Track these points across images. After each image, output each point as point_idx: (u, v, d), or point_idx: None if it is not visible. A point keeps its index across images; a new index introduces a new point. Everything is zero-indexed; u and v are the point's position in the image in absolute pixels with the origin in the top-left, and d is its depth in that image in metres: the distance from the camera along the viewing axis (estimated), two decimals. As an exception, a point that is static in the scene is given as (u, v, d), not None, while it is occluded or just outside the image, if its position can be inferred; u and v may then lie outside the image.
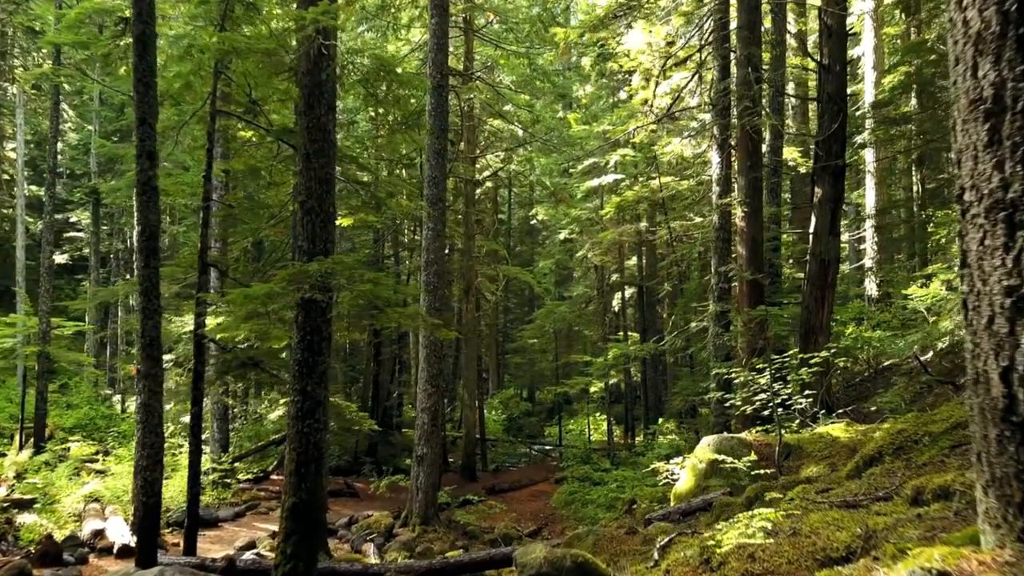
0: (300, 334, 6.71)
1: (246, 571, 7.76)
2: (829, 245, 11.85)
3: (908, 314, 21.51)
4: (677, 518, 7.52)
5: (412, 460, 14.03)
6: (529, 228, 43.00)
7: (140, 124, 8.14)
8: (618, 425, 30.54)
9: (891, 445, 5.44)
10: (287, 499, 6.50)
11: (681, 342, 14.57)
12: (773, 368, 7.89)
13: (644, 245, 25.24)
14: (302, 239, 6.85)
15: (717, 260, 12.92)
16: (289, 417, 6.74)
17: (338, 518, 14.84)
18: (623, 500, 15.23)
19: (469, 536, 14.22)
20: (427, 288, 14.00)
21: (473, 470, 20.77)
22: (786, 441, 8.15)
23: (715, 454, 8.29)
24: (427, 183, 14.14)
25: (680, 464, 9.42)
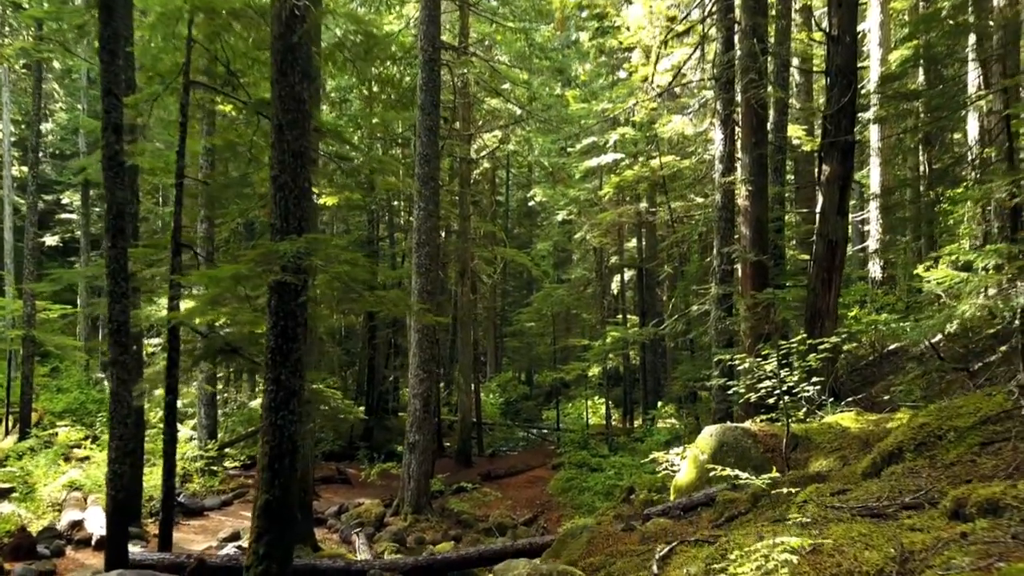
0: (273, 319, 6.24)
1: (221, 568, 7.35)
2: (837, 225, 11.35)
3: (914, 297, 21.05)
4: (678, 513, 7.09)
5: (404, 447, 13.62)
6: (528, 210, 42.43)
7: (106, 95, 7.63)
8: (616, 409, 30.17)
9: (912, 440, 4.98)
10: (259, 496, 6.06)
11: (681, 326, 14.11)
12: (780, 354, 7.41)
13: (644, 226, 24.70)
14: (274, 217, 6.37)
15: (720, 241, 12.42)
16: (262, 408, 6.28)
17: (328, 506, 14.45)
18: (621, 488, 14.83)
19: (463, 525, 13.84)
20: (419, 270, 13.52)
21: (469, 455, 20.39)
22: (793, 431, 7.70)
23: (718, 445, 7.85)
24: (418, 161, 13.61)
25: (680, 455, 8.99)
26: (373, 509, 13.07)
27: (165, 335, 12.32)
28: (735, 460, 7.60)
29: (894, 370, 14.00)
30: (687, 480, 8.08)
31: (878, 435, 7.01)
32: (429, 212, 13.56)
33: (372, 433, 24.19)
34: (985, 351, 9.82)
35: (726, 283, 12.29)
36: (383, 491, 15.68)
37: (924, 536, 2.81)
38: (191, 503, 12.82)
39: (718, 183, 12.51)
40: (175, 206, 8.39)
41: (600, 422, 26.56)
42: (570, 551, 6.72)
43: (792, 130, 17.33)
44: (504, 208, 44.55)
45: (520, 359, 35.00)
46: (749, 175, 11.88)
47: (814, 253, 11.68)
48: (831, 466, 6.65)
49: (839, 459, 6.78)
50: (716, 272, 12.42)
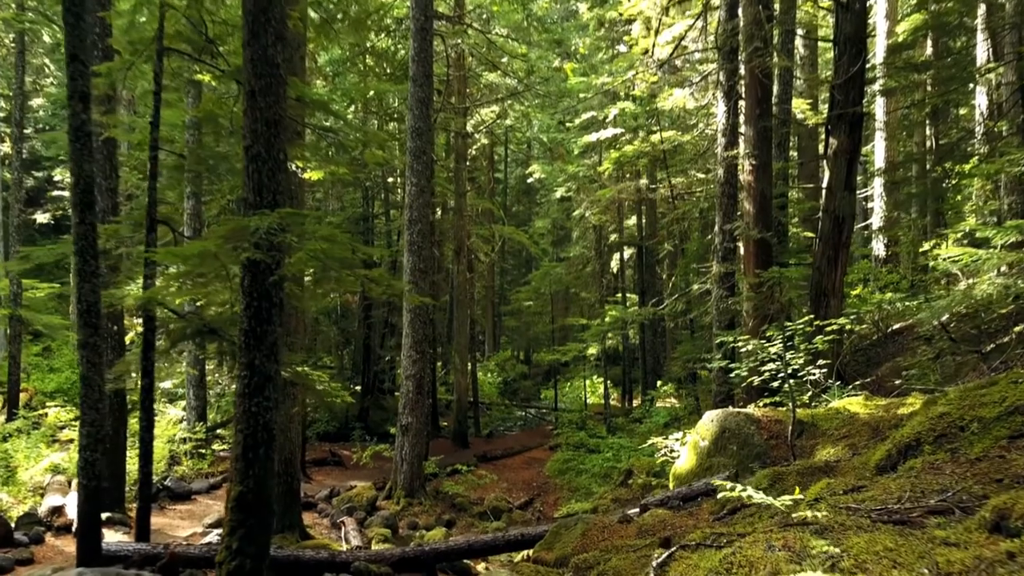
0: (247, 300, 5.84)
1: (200, 559, 7.01)
2: (844, 201, 10.92)
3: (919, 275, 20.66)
4: (676, 504, 6.75)
5: (397, 429, 13.29)
6: (526, 187, 41.90)
7: (71, 61, 7.16)
8: (615, 388, 29.88)
9: (931, 432, 4.60)
10: (233, 488, 5.70)
11: (682, 306, 13.72)
12: (785, 336, 7.03)
13: (644, 203, 24.23)
14: (247, 190, 5.94)
15: (722, 217, 11.99)
16: (236, 395, 5.90)
17: (320, 489, 14.15)
18: (619, 470, 14.54)
19: (457, 509, 13.56)
20: (411, 248, 13.10)
21: (465, 436, 20.10)
22: (798, 417, 7.34)
23: (719, 431, 7.49)
24: (410, 134, 13.14)
25: (680, 440, 8.65)
26: (365, 493, 12.76)
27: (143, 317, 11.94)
28: (737, 447, 7.26)
29: (900, 351, 13.63)
30: (687, 467, 7.73)
31: (889, 421, 6.64)
32: (421, 188, 13.12)
33: (368, 413, 23.90)
34: (998, 332, 9.45)
35: (728, 261, 11.89)
36: (376, 474, 15.39)
37: (962, 554, 2.43)
38: (178, 487, 12.51)
39: (720, 157, 12.06)
40: (149, 180, 7.95)
41: (599, 401, 26.29)
42: (563, 543, 6.38)
43: (796, 104, 16.84)
44: (503, 185, 44.06)
45: (518, 338, 34.70)
46: (753, 149, 11.43)
47: (820, 230, 11.26)
48: (839, 455, 6.29)
49: (848, 447, 6.42)
50: (718, 250, 12.01)
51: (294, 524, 10.20)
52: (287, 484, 10.16)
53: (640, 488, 13.06)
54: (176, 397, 17.78)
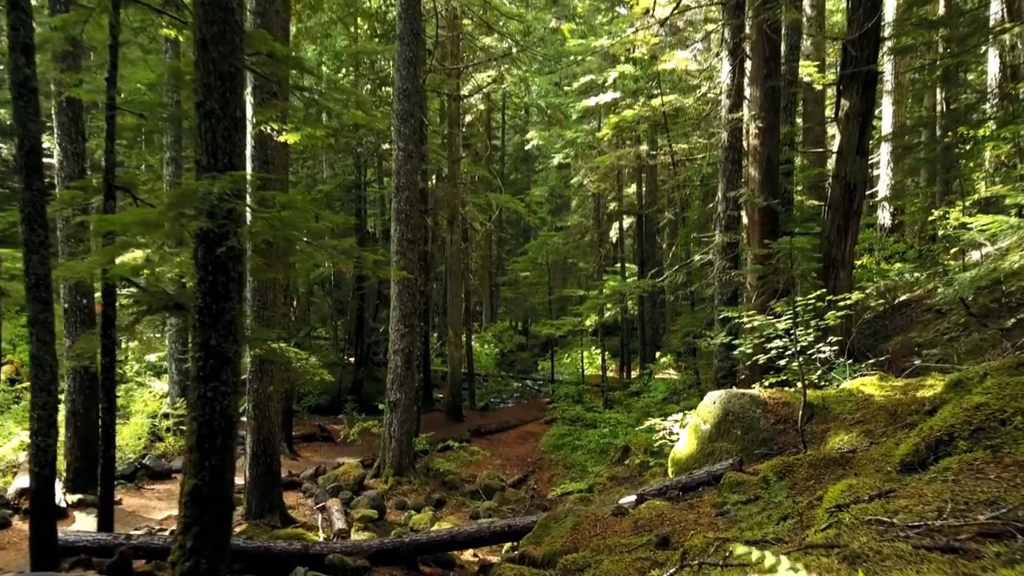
0: (200, 274, 5.26)
1: (163, 550, 6.52)
2: (856, 166, 10.28)
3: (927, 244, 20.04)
4: (676, 494, 6.23)
5: (385, 406, 12.78)
6: (524, 155, 41.09)
7: (12, 9, 6.49)
8: (613, 359, 29.40)
9: (966, 425, 4.04)
10: (186, 480, 5.17)
11: (682, 277, 13.13)
12: (796, 310, 6.45)
13: (644, 170, 23.51)
14: (200, 151, 5.33)
15: (725, 184, 11.35)
16: (191, 378, 5.35)
17: (307, 467, 13.71)
18: (616, 447, 14.09)
19: (448, 487, 13.12)
20: (399, 217, 12.47)
21: (459, 410, 19.65)
22: (808, 399, 6.80)
23: (723, 414, 6.95)
24: (397, 96, 12.43)
25: (680, 422, 8.13)
26: (352, 471, 12.30)
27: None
28: (741, 432, 6.73)
29: (909, 323, 13.08)
30: (687, 452, 7.21)
31: (908, 405, 6.10)
32: (409, 153, 12.45)
33: (362, 386, 23.47)
34: (1020, 306, 8.88)
35: (731, 231, 11.28)
36: (366, 450, 14.93)
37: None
38: (158, 465, 12.04)
39: (724, 120, 11.38)
40: (107, 142, 7.32)
41: (597, 372, 25.79)
42: (552, 538, 5.87)
43: (803, 67, 16.07)
44: (500, 153, 43.20)
45: (516, 309, 34.17)
46: (759, 111, 10.75)
47: (829, 197, 10.65)
48: (855, 443, 5.75)
49: (863, 434, 5.88)
50: (721, 219, 11.39)
51: (274, 506, 9.74)
52: (267, 465, 9.68)
53: (638, 467, 12.62)
54: (161, 371, 17.27)
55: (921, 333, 10.89)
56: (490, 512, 11.81)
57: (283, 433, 14.54)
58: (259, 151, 9.49)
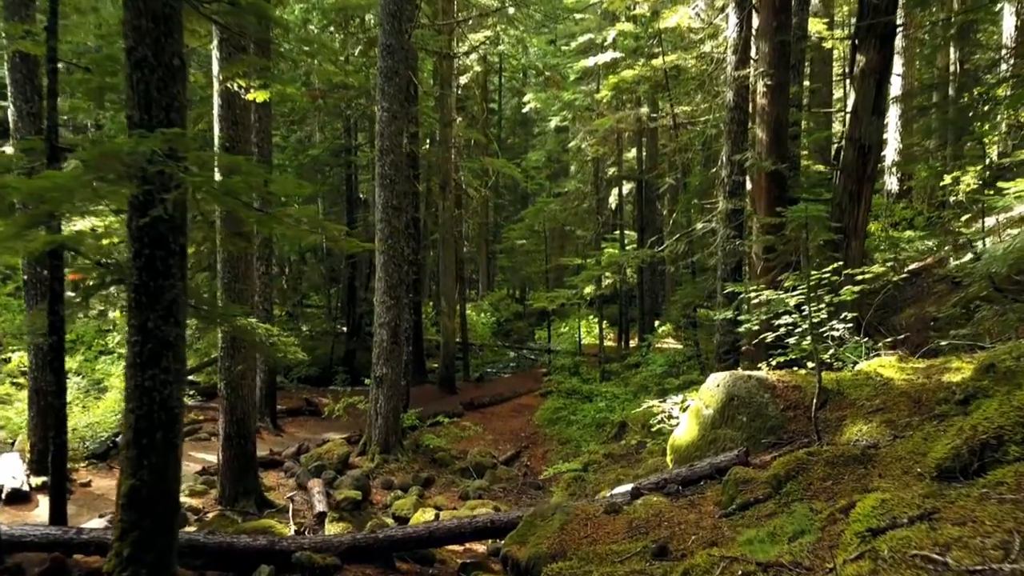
0: (135, 247, 4.61)
1: (99, 545, 5.94)
2: (871, 127, 9.56)
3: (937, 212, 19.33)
4: (675, 489, 5.65)
5: (371, 381, 12.21)
6: (522, 118, 40.14)
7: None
8: (611, 328, 28.82)
9: (1018, 427, 3.43)
10: (123, 481, 4.59)
11: (684, 246, 12.47)
12: (809, 284, 5.80)
13: (644, 135, 22.69)
14: (131, 105, 4.65)
15: (730, 147, 10.63)
16: (126, 365, 4.74)
17: (291, 443, 13.17)
18: (612, 423, 13.56)
19: (437, 464, 12.60)
20: (382, 182, 11.77)
21: (452, 382, 19.12)
22: (824, 380, 6.19)
23: (727, 398, 6.35)
24: (381, 53, 11.64)
25: (680, 404, 7.53)
26: (336, 449, 11.77)
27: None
28: (747, 419, 6.13)
29: (920, 295, 12.44)
30: (688, 439, 6.62)
31: (932, 391, 5.49)
32: (394, 113, 11.70)
33: (354, 356, 22.91)
34: (1047, 279, 8.25)
35: (736, 197, 10.59)
36: (353, 425, 14.40)
37: None
38: (131, 444, 11.48)
39: (730, 78, 10.62)
40: (48, 99, 6.61)
41: (594, 342, 25.23)
42: (538, 538, 5.30)
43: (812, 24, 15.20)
44: (498, 116, 42.22)
45: (512, 278, 33.53)
46: (768, 67, 9.98)
47: (842, 161, 9.94)
48: (875, 435, 5.15)
49: (884, 424, 5.28)
50: (725, 184, 10.69)
51: (249, 490, 9.20)
52: (240, 447, 9.12)
53: (635, 446, 12.10)
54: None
55: (938, 307, 10.26)
56: (480, 492, 11.32)
57: (267, 408, 14.03)
58: (226, 111, 8.76)
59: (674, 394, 12.58)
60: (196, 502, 9.07)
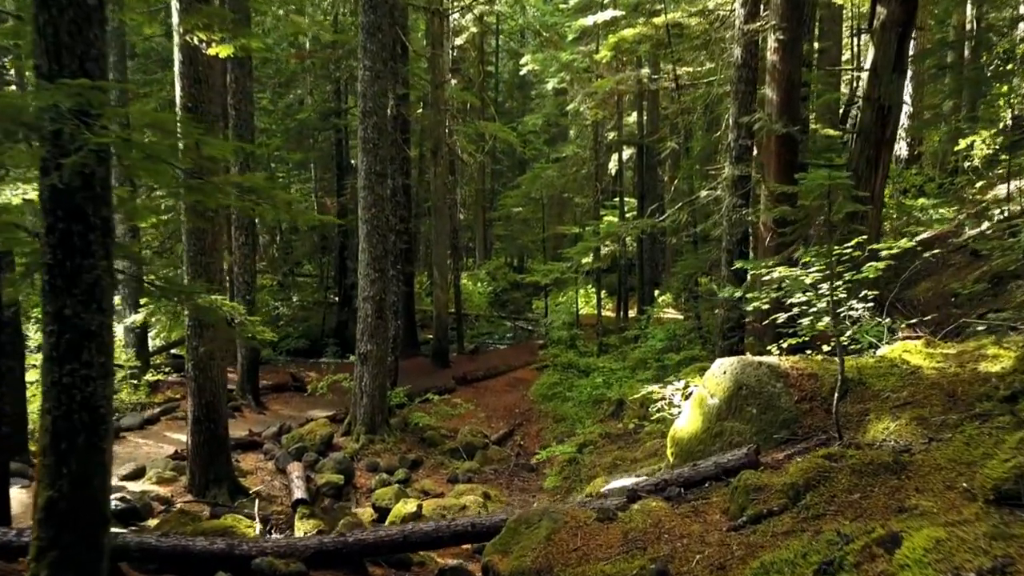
0: (49, 220, 3.94)
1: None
2: (892, 86, 8.81)
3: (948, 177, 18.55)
4: (676, 492, 5.04)
5: (355, 358, 11.60)
6: (520, 81, 39.05)
7: None
8: (610, 297, 28.17)
9: (1101, 445, 2.79)
10: (41, 492, 3.98)
11: (686, 216, 11.75)
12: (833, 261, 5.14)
13: (645, 98, 21.82)
14: (38, 53, 3.94)
15: (737, 108, 9.85)
16: (43, 358, 4.11)
17: (274, 421, 12.60)
18: (609, 400, 12.99)
19: (426, 444, 12.06)
20: (365, 146, 11.03)
21: (445, 355, 18.53)
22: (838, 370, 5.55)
23: (734, 387, 5.72)
24: (363, 7, 10.83)
25: (682, 392, 6.89)
26: (319, 430, 11.20)
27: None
28: (758, 411, 5.51)
29: (935, 267, 11.76)
30: (690, 431, 6.00)
31: (970, 383, 4.85)
32: (377, 72, 10.91)
33: (346, 327, 22.26)
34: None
35: (743, 162, 9.85)
36: (340, 403, 13.83)
37: None
38: (102, 425, 10.90)
39: (738, 33, 9.81)
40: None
41: (592, 312, 24.62)
42: (522, 548, 4.70)
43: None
44: (495, 80, 41.10)
45: (510, 246, 32.79)
46: (780, 20, 9.17)
47: (859, 123, 9.21)
48: (906, 436, 4.52)
49: (915, 422, 4.65)
50: (731, 149, 9.94)
51: (221, 477, 8.64)
52: (210, 432, 8.53)
53: (632, 429, 11.54)
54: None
55: (959, 281, 9.60)
56: (470, 475, 10.78)
57: (249, 384, 13.45)
58: (188, 67, 8.01)
59: (675, 372, 11.99)
60: (164, 490, 8.51)
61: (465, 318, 24.51)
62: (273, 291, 25.57)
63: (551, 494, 9.91)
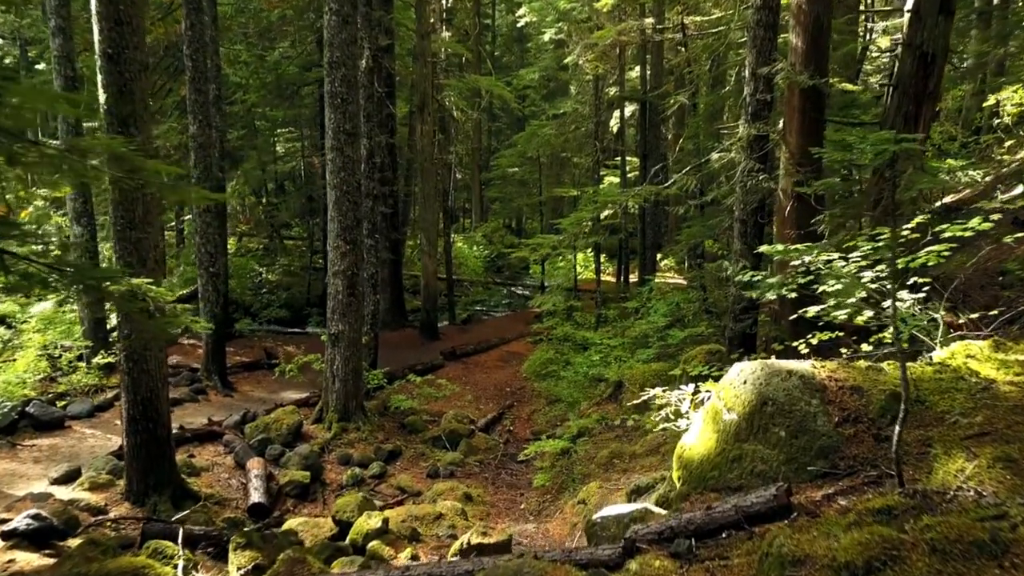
0: None
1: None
2: (937, 30, 7.54)
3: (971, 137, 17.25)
4: (686, 545, 3.95)
5: (326, 339, 10.51)
6: (517, 34, 37.39)
7: None
8: (610, 261, 27.03)
9: None
10: None
11: (694, 182, 10.52)
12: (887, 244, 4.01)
13: (649, 50, 20.36)
14: None
15: (755, 58, 8.57)
16: None
17: (243, 406, 11.56)
18: (608, 381, 11.92)
19: (407, 431, 11.05)
20: (333, 102, 9.77)
21: (434, 327, 17.47)
22: (890, 386, 4.45)
23: (757, 401, 4.61)
24: (327, -59, 9.46)
25: (692, 399, 5.76)
26: (286, 418, 10.15)
27: None
28: (787, 433, 4.42)
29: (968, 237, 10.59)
30: (703, 452, 4.91)
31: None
32: (345, 17, 9.60)
33: (331, 295, 21.22)
34: None
35: (761, 120, 8.61)
36: (316, 384, 12.78)
37: None
38: (45, 414, 9.83)
39: (758, -31, 8.48)
40: None
41: (591, 277, 23.48)
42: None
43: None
44: (491, 33, 39.44)
45: (504, 208, 31.48)
46: (808, -48, 7.86)
47: (897, 74, 7.95)
48: (989, 484, 3.42)
49: (999, 463, 3.53)
50: (747, 104, 8.68)
51: (163, 482, 7.61)
52: (149, 431, 7.47)
53: (631, 409, 10.52)
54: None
55: (1003, 255, 8.44)
56: (452, 469, 9.79)
57: (215, 364, 12.41)
58: (107, 7, 6.74)
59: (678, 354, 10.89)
60: (97, 498, 7.48)
61: (459, 284, 23.41)
62: (258, 256, 24.43)
63: (540, 493, 8.92)
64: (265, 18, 18.64)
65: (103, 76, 6.90)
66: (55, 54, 11.58)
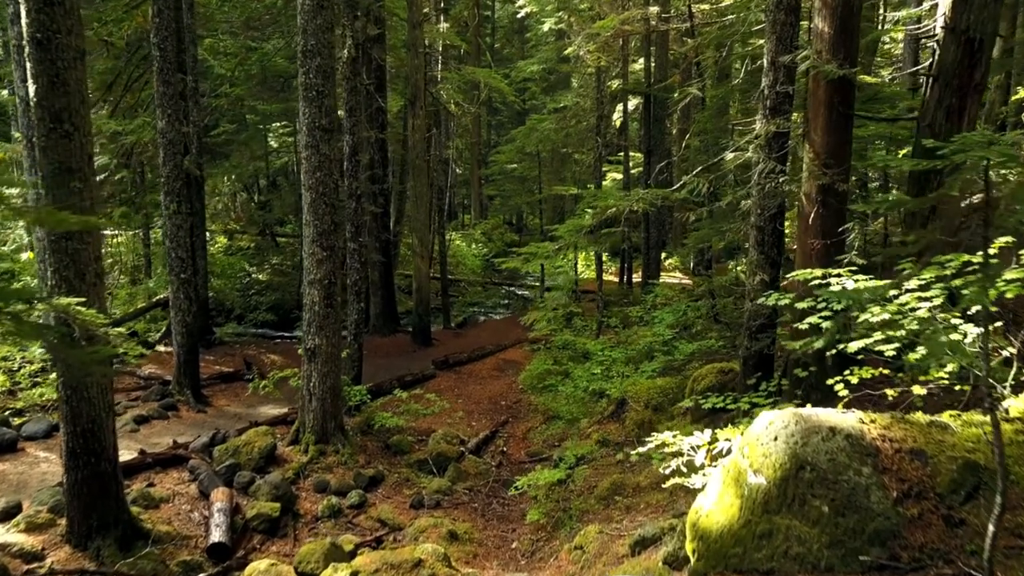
0: None
1: None
2: (985, 12, 6.63)
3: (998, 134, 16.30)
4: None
5: (302, 354, 9.65)
6: (519, 26, 36.40)
7: None
8: (612, 260, 26.15)
9: None
10: None
11: (705, 185, 9.62)
12: (952, 275, 3.15)
13: (653, 41, 19.43)
14: None
15: (775, 45, 7.67)
16: None
17: (215, 424, 10.71)
18: (610, 398, 11.05)
19: (391, 453, 10.21)
20: (307, 95, 8.88)
21: (427, 333, 16.61)
22: (959, 445, 3.58)
23: (792, 465, 3.72)
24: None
25: (708, 450, 4.85)
26: (257, 440, 9.28)
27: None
28: (831, 510, 3.56)
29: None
30: (723, 522, 4.02)
31: None
32: (319, 2, 8.70)
33: (323, 296, 20.36)
34: None
35: (781, 115, 7.71)
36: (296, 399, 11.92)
37: None
38: (-3, 434, 9.00)
39: (778, -55, 7.57)
40: None
41: (592, 276, 22.60)
42: None
43: None
44: (491, 25, 38.50)
45: (503, 206, 30.57)
46: (836, -75, 6.94)
47: (937, 62, 7.04)
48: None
49: None
50: (766, 98, 7.79)
51: (109, 522, 6.77)
52: (91, 467, 6.63)
53: (635, 425, 9.71)
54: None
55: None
56: (438, 498, 8.95)
57: (186, 378, 11.55)
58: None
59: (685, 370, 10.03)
60: (34, 541, 6.64)
61: (456, 284, 22.56)
62: (248, 255, 23.56)
63: (533, 529, 8.06)
64: (251, 6, 17.72)
65: (32, 64, 6.04)
66: (13, 41, 10.69)
